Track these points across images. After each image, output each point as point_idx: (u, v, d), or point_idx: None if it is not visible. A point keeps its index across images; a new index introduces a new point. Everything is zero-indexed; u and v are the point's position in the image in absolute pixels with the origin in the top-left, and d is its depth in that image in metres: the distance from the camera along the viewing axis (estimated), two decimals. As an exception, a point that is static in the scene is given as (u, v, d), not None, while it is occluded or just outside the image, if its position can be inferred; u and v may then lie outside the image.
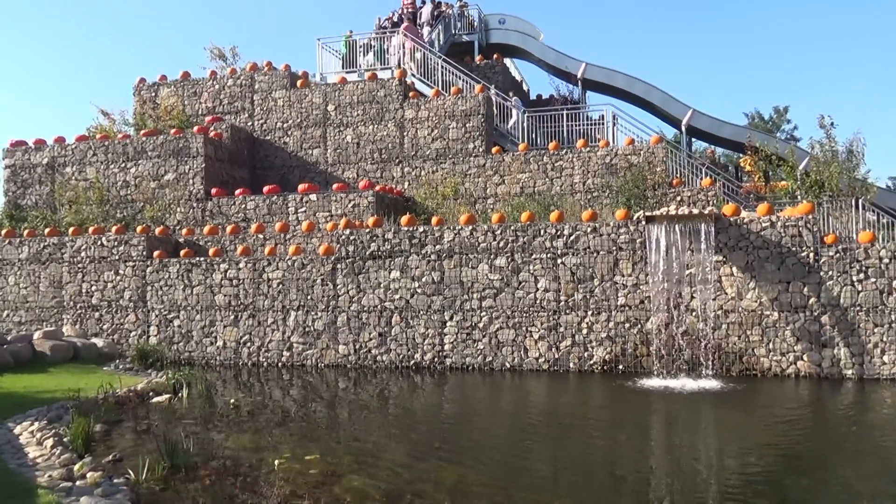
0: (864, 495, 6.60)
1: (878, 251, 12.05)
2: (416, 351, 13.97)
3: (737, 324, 12.46)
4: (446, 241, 13.95)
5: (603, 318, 13.06)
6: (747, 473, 7.36)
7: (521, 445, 8.58)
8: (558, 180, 17.54)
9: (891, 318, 11.88)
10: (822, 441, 8.80)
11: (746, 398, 11.06)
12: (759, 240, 12.43)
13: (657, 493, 6.80)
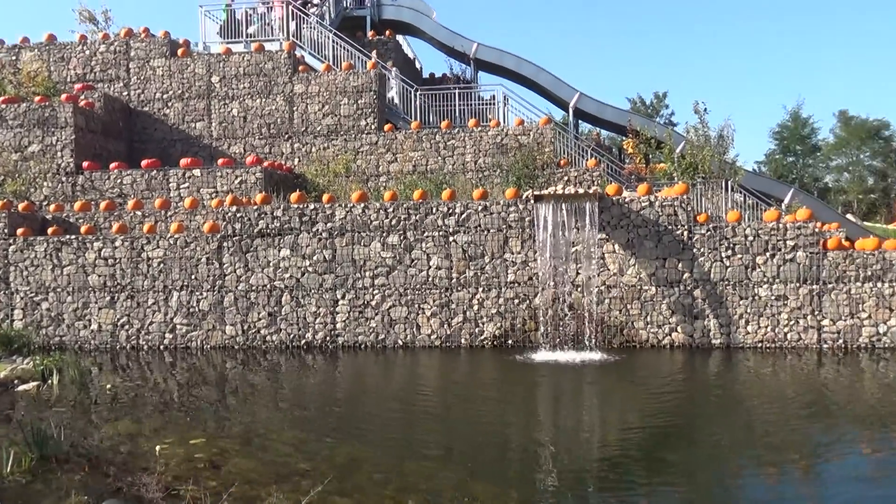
0: (729, 451, 7.15)
1: (743, 229, 12.97)
2: (307, 330, 13.73)
3: (618, 298, 13.09)
4: (338, 219, 13.74)
5: (493, 295, 13.34)
6: (627, 438, 7.79)
7: (413, 421, 8.65)
8: (450, 159, 17.67)
9: (754, 292, 12.86)
10: (693, 405, 9.45)
11: (626, 368, 11.65)
12: (639, 218, 13.07)
13: (544, 460, 7.07)
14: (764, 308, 12.80)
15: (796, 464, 6.80)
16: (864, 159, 52.35)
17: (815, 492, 6.13)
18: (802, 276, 12.73)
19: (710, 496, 6.17)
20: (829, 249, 12.79)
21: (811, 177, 53.98)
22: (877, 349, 12.45)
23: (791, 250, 12.77)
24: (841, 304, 12.67)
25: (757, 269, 12.84)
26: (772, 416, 8.56)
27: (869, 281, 12.63)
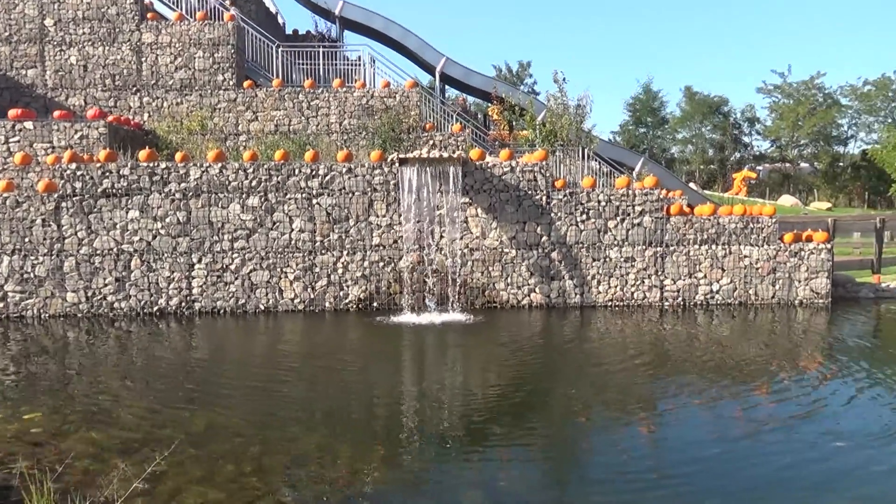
0: (580, 401, 7.60)
1: (597, 195, 13.67)
2: (160, 296, 12.99)
3: (480, 261, 13.42)
4: (193, 179, 13.00)
5: (358, 258, 13.24)
6: (488, 394, 8.07)
7: (276, 386, 8.46)
8: (314, 120, 17.18)
9: (606, 254, 13.63)
10: (549, 361, 9.92)
11: (488, 328, 12.02)
12: (501, 183, 13.40)
13: (408, 419, 7.17)
14: (614, 269, 13.62)
15: (640, 412, 7.33)
16: (705, 133, 56.67)
17: (657, 437, 6.65)
18: (648, 240, 13.65)
19: (563, 445, 6.54)
20: (672, 215, 13.77)
21: (660, 147, 57.83)
22: (710, 305, 13.65)
23: (639, 215, 13.62)
24: (681, 265, 13.73)
25: (608, 233, 13.61)
26: (620, 369, 9.17)
27: (705, 244, 13.75)
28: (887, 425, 6.65)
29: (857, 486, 5.33)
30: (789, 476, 5.51)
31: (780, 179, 54.22)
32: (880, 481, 5.39)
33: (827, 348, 10.56)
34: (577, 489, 5.47)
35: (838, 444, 6.16)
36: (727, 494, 5.21)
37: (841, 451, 6.01)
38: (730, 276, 13.74)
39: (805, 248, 13.88)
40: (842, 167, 54.68)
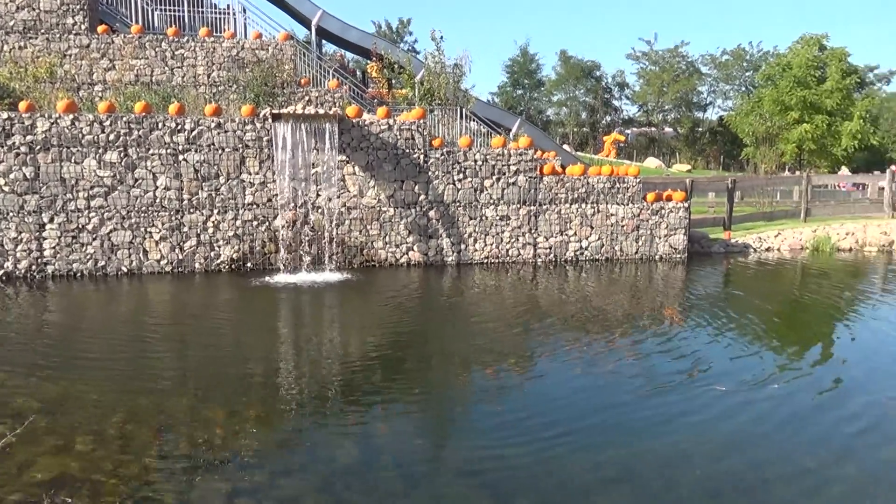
0: (459, 356, 7.77)
1: (474, 154, 13.83)
2: (5, 259, 11.92)
3: (358, 219, 13.29)
4: (41, 132, 11.91)
5: (230, 217, 12.73)
6: (367, 351, 8.06)
7: (141, 351, 8.03)
8: (179, 70, 16.16)
9: (482, 212, 13.89)
10: (427, 317, 10.05)
11: (367, 287, 11.98)
12: (379, 141, 13.25)
13: (284, 378, 7.04)
14: (490, 227, 13.93)
15: (516, 365, 7.60)
16: (579, 96, 58.63)
17: (532, 387, 6.92)
18: (522, 198, 14.03)
19: (441, 399, 6.67)
20: (545, 175, 14.21)
21: (536, 109, 59.29)
22: (580, 261, 14.30)
23: (514, 175, 13.95)
24: (553, 223, 14.24)
25: (485, 192, 13.85)
26: (497, 323, 9.44)
27: (576, 203, 14.33)
28: (746, 369, 7.29)
29: (728, 427, 5.82)
30: (654, 418, 5.92)
31: (647, 143, 57.31)
32: (747, 424, 5.91)
33: (687, 299, 11.37)
34: (455, 441, 5.61)
35: (720, 388, 6.62)
36: (601, 440, 5.53)
37: (718, 397, 6.52)
38: (598, 233, 14.43)
39: (665, 207, 14.78)
40: (701, 132, 58.53)
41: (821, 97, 38.93)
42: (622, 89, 60.30)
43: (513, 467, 4.97)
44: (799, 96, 38.93)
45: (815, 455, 5.21)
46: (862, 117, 39.44)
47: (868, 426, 5.73)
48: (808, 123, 38.93)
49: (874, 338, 8.82)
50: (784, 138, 40.27)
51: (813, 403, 6.27)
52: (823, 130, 39.14)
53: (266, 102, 14.86)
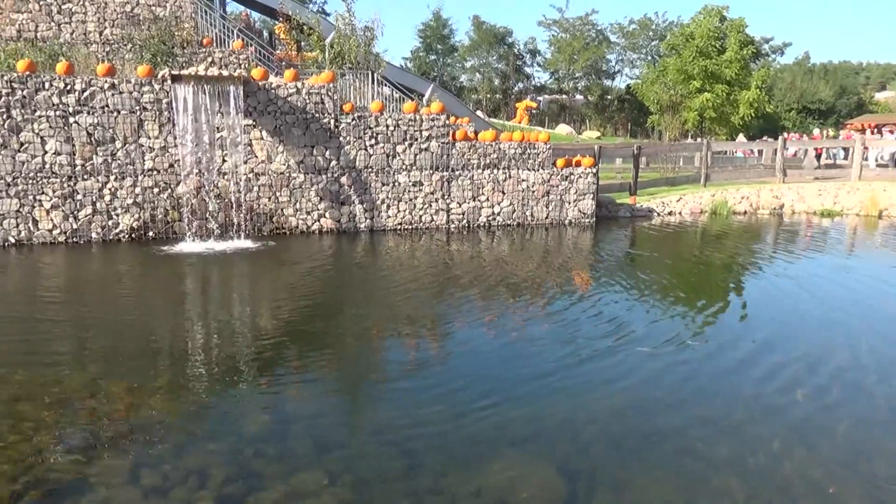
0: (372, 323, 7.73)
1: (385, 120, 13.65)
2: None
3: (267, 186, 12.92)
4: None
5: (128, 184, 12.10)
6: (279, 320, 7.89)
7: (34, 324, 7.56)
8: (67, 26, 15.08)
9: (394, 178, 13.78)
10: (340, 284, 9.92)
11: (277, 255, 11.71)
12: (287, 105, 12.86)
13: (193, 349, 6.80)
14: (403, 193, 13.85)
15: (430, 330, 7.63)
16: (492, 62, 58.80)
17: (448, 351, 6.98)
18: (435, 164, 14.00)
19: (355, 366, 6.63)
20: (458, 140, 14.22)
21: (450, 75, 59.09)
22: (492, 227, 14.48)
23: (426, 140, 13.88)
24: (466, 189, 14.31)
25: (397, 158, 13.73)
26: (410, 290, 9.43)
27: (488, 168, 14.43)
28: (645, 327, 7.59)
29: (648, 385, 6.05)
30: (565, 379, 6.10)
31: (558, 110, 58.33)
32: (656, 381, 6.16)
33: (598, 263, 11.72)
34: (369, 407, 5.60)
35: (641, 349, 6.85)
36: (514, 402, 5.64)
37: (638, 357, 6.76)
38: (510, 198, 14.61)
39: (575, 173, 15.12)
40: (610, 100, 60.04)
41: (721, 67, 40.62)
42: (534, 56, 60.93)
43: (426, 429, 5.02)
44: (701, 66, 40.47)
45: (739, 411, 5.51)
46: (758, 87, 41.49)
47: (784, 382, 6.10)
48: (709, 92, 40.62)
49: (778, 293, 9.37)
50: (687, 106, 41.89)
51: (729, 361, 6.62)
52: (723, 99, 40.95)
53: (165, 63, 14.10)
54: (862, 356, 6.64)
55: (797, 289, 9.46)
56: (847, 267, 11.25)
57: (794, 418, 5.24)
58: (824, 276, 10.44)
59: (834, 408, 5.43)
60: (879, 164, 27.46)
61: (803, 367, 6.28)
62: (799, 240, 14.33)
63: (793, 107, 56.82)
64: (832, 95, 60.76)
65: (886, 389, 5.81)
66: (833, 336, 7.28)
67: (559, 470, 4.43)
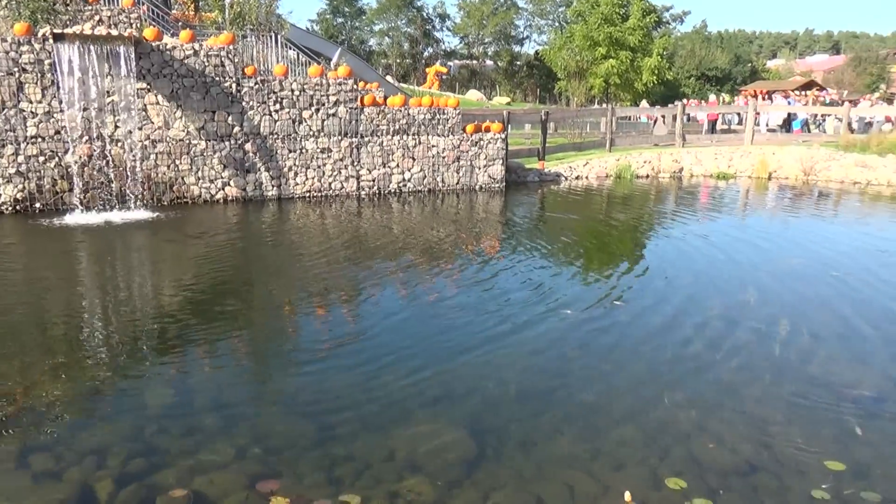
0: (282, 293, 7.55)
1: (290, 84, 13.22)
2: None
3: (165, 153, 12.31)
4: None
5: (10, 152, 11.24)
6: (183, 293, 7.56)
7: None
8: (-68, -21, 13.70)
9: (302, 145, 13.42)
10: (247, 255, 9.62)
11: (179, 225, 11.22)
12: (184, 68, 12.22)
13: (89, 329, 6.44)
14: (311, 160, 13.53)
15: (342, 299, 7.52)
16: (401, 26, 57.96)
17: (358, 321, 6.91)
18: (344, 130, 13.72)
19: (267, 337, 6.46)
20: (366, 106, 13.96)
21: (358, 39, 57.89)
22: (403, 193, 14.39)
23: (334, 106, 13.55)
24: (375, 155, 14.13)
25: (304, 123, 13.36)
26: (321, 259, 9.26)
27: (397, 134, 14.28)
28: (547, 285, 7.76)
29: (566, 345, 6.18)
30: (471, 340, 6.16)
31: (468, 75, 58.32)
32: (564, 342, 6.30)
33: (509, 227, 11.87)
34: (279, 377, 5.48)
35: (566, 311, 6.96)
36: (424, 364, 5.65)
37: (555, 320, 6.87)
38: (420, 164, 14.54)
39: (484, 138, 15.19)
40: (519, 66, 60.52)
41: (625, 34, 41.61)
42: (444, 21, 60.47)
43: (338, 399, 4.97)
44: (606, 33, 41.33)
45: (642, 367, 5.72)
46: (660, 54, 42.81)
47: (705, 340, 6.38)
48: (614, 59, 41.60)
49: (685, 250, 9.78)
50: (593, 72, 42.79)
51: (641, 320, 6.86)
52: (627, 66, 42.05)
53: (46, 20, 13.06)
54: (775, 310, 7.05)
55: (708, 246, 9.91)
56: (745, 226, 11.89)
57: (692, 373, 5.52)
58: (729, 234, 10.98)
59: (732, 360, 5.75)
60: (770, 129, 29.06)
61: (717, 326, 6.61)
62: (699, 201, 15.01)
63: (692, 74, 59.06)
64: (728, 63, 63.50)
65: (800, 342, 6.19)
66: (744, 289, 7.70)
67: (470, 430, 4.49)
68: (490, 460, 4.17)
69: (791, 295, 7.49)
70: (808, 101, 38.00)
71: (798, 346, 5.93)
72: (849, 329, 6.39)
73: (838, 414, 4.72)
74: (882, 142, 19.08)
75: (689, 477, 3.94)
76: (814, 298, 7.39)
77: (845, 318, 6.70)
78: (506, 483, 3.93)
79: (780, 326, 6.44)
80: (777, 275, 8.36)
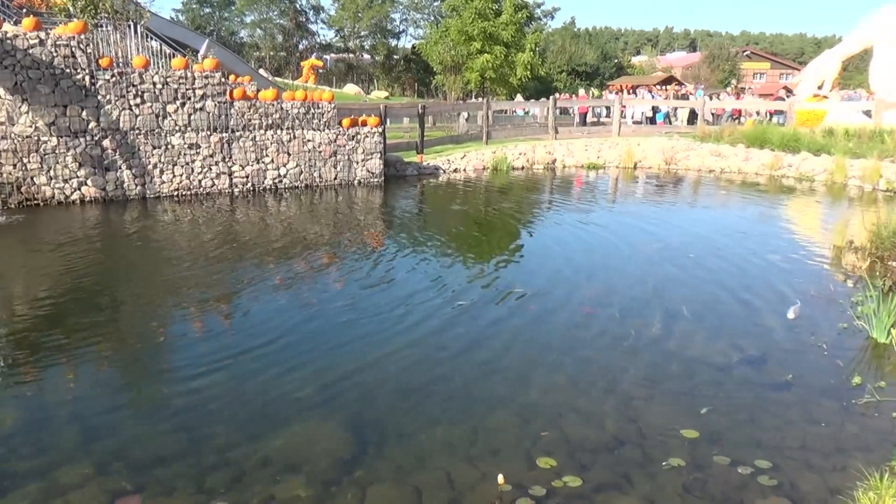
0: (152, 299, 7.11)
1: (152, 77, 12.50)
2: None
3: (11, 151, 11.30)
4: None
5: None
6: (39, 304, 6.96)
7: None
8: None
9: (167, 141, 12.74)
10: (111, 259, 8.99)
11: (30, 229, 10.34)
12: (29, 59, 11.26)
13: None
14: (178, 157, 12.87)
15: (216, 300, 7.18)
16: (273, 17, 56.34)
17: (231, 323, 6.62)
18: (213, 125, 13.15)
19: (133, 342, 6.06)
20: (236, 99, 13.44)
21: (228, 31, 55.75)
22: (279, 189, 14.00)
23: (201, 99, 12.95)
24: (248, 150, 13.65)
25: (168, 118, 12.68)
26: (193, 260, 8.81)
27: (271, 129, 13.86)
28: (442, 282, 7.80)
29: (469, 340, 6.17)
30: (355, 338, 6.08)
31: (345, 69, 57.63)
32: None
33: (391, 222, 11.81)
34: (144, 387, 5.17)
35: (460, 302, 6.95)
36: (303, 366, 5.51)
37: (459, 313, 6.84)
38: (296, 160, 14.20)
39: (361, 133, 15.05)
40: (396, 59, 60.49)
41: (498, 29, 42.56)
42: (318, 13, 59.35)
43: (209, 404, 4.76)
44: (480, 27, 42.08)
45: (517, 354, 5.84)
46: (532, 49, 44.14)
47: (573, 324, 6.57)
48: (489, 54, 42.47)
49: (563, 237, 10.10)
50: (469, 67, 43.48)
51: (529, 306, 7.00)
52: (502, 60, 43.05)
53: None
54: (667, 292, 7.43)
55: (581, 233, 10.32)
56: (615, 213, 12.47)
57: (566, 354, 5.73)
58: (598, 222, 11.47)
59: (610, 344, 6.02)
60: (635, 121, 30.73)
61: (585, 311, 6.89)
62: (573, 190, 15.62)
63: (563, 69, 61.34)
64: (596, 59, 66.47)
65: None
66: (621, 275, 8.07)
67: (349, 428, 4.44)
68: (370, 455, 4.14)
69: (653, 278, 7.95)
70: (668, 94, 40.50)
71: (658, 325, 6.30)
72: (704, 307, 6.87)
73: (693, 386, 5.06)
74: (733, 132, 20.67)
75: (560, 455, 4.09)
76: (673, 279, 7.88)
77: (698, 297, 7.20)
78: (385, 477, 3.92)
79: (643, 307, 6.82)
80: (640, 260, 8.85)
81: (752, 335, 6.07)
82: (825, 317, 6.52)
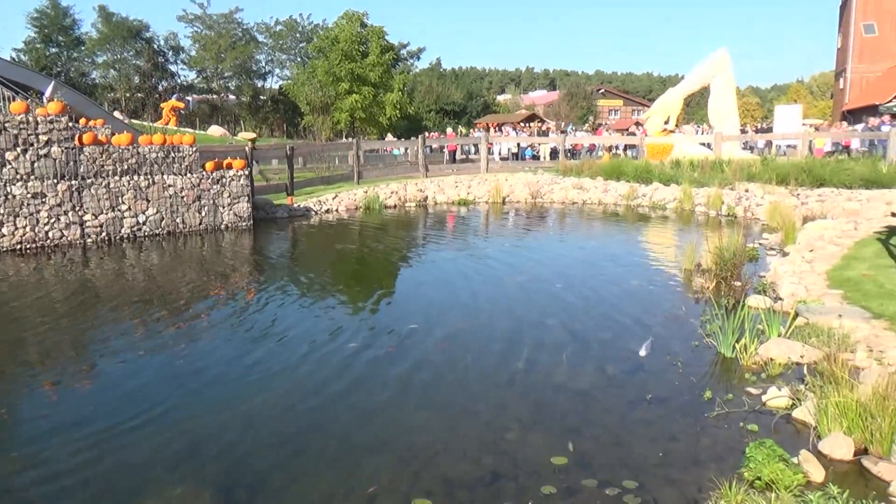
0: (-26, 368, 6.44)
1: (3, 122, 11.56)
2: None
3: None
4: None
5: None
6: None
7: None
8: None
9: (7, 190, 11.77)
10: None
11: None
12: None
13: None
14: (20, 207, 11.91)
15: (74, 366, 6.60)
16: (129, 58, 53.97)
17: (98, 391, 6.11)
18: (60, 172, 12.31)
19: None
20: (86, 145, 12.68)
21: (78, 71, 52.78)
22: (139, 238, 13.26)
23: (45, 145, 12.11)
24: (102, 198, 12.86)
25: (8, 166, 11.74)
26: (43, 321, 8.08)
27: (126, 174, 13.15)
28: (327, 327, 7.60)
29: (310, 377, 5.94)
30: (226, 393, 5.78)
31: (210, 110, 56.04)
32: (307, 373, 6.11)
33: (258, 267, 11.44)
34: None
35: (321, 346, 6.72)
36: (164, 429, 5.16)
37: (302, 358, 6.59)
38: (156, 206, 13.53)
39: (227, 176, 14.60)
40: (263, 100, 59.60)
41: (366, 70, 43.08)
42: (177, 53, 57.47)
43: (61, 478, 4.35)
44: (347, 68, 42.44)
45: (388, 395, 5.76)
46: (400, 90, 44.98)
47: (444, 360, 6.57)
48: (357, 94, 42.82)
49: (436, 273, 10.16)
50: (338, 107, 43.61)
51: (382, 350, 6.93)
52: (370, 101, 43.52)
53: None
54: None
55: (454, 269, 10.45)
56: (488, 247, 12.79)
57: (442, 392, 5.75)
58: (474, 255, 11.71)
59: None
60: (502, 157, 31.89)
61: (462, 345, 6.95)
62: (446, 227, 15.88)
63: (432, 108, 62.84)
64: (463, 98, 68.68)
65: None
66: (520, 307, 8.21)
67: (220, 487, 4.20)
68: (238, 518, 3.93)
69: (520, 307, 8.20)
70: (531, 131, 42.41)
71: (525, 357, 6.49)
72: (570, 335, 7.15)
73: (562, 413, 5.23)
74: (592, 166, 21.94)
75: (438, 496, 4.07)
76: (539, 310, 8.16)
77: (564, 326, 7.50)
78: (256, 539, 3.72)
79: (514, 337, 7.01)
80: (510, 292, 9.11)
81: (615, 360, 6.38)
82: (679, 336, 6.97)
